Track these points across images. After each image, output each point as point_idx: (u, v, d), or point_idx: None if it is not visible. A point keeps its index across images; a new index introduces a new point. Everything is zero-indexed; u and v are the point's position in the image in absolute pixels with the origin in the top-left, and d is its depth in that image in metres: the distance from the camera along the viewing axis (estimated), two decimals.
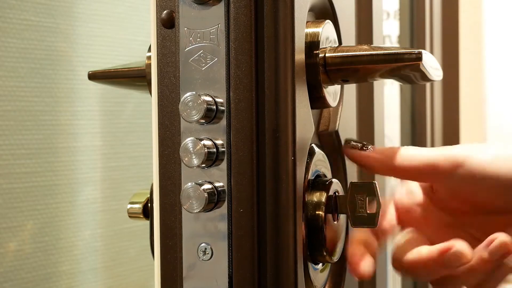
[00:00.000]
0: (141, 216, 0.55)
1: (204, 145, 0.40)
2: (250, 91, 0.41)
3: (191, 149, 0.40)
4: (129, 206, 0.55)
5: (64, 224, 0.75)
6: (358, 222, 0.47)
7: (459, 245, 0.46)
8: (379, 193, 0.46)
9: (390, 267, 1.09)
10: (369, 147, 0.49)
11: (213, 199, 0.40)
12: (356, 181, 0.49)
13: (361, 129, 0.69)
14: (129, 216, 0.55)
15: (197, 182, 0.40)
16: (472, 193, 0.49)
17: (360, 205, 0.47)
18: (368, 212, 0.46)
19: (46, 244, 0.73)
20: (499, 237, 0.46)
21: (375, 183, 0.47)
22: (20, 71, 0.70)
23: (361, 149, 0.49)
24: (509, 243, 0.46)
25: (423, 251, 0.48)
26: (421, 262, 0.48)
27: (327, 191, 0.46)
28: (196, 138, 0.40)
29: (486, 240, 0.47)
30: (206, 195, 0.40)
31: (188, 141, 0.40)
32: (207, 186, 0.40)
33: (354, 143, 0.50)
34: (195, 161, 0.40)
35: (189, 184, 0.40)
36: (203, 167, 0.41)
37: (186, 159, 0.40)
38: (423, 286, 1.13)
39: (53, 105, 0.74)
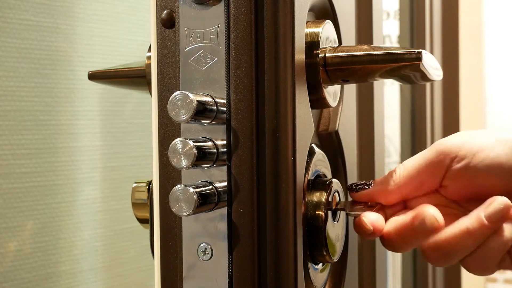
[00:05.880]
0: (146, 193, 0.54)
1: (195, 146, 0.38)
2: (250, 91, 0.41)
3: (180, 150, 0.38)
4: (134, 184, 0.55)
5: (64, 224, 0.75)
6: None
7: (431, 209, 0.45)
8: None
9: (390, 266, 1.08)
10: (370, 182, 0.48)
11: (213, 200, 0.40)
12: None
13: (361, 129, 0.69)
14: (134, 193, 0.55)
15: (188, 184, 0.40)
16: (474, 180, 0.47)
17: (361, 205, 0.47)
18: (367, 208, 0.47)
19: (46, 244, 0.73)
20: (498, 199, 0.45)
21: None
22: (20, 71, 0.70)
23: (364, 188, 0.48)
24: (508, 205, 0.45)
25: (399, 219, 0.47)
26: (397, 230, 0.47)
27: (327, 191, 0.46)
28: (185, 139, 0.39)
29: (486, 201, 0.45)
30: (195, 197, 0.38)
31: (177, 142, 0.39)
32: (201, 188, 0.39)
33: (355, 186, 0.49)
34: (184, 163, 0.38)
35: (178, 186, 0.39)
36: (205, 168, 0.41)
37: (175, 160, 0.39)
38: (423, 285, 1.13)
39: (53, 105, 0.74)
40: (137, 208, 0.55)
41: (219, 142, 0.41)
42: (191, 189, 0.39)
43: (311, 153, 0.47)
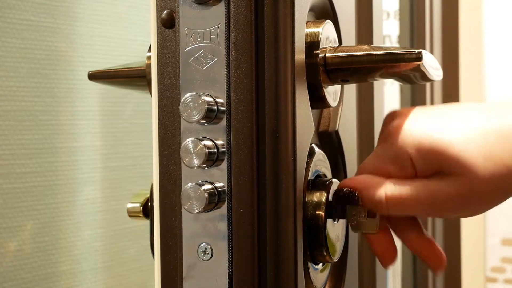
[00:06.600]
0: (141, 215, 0.55)
1: (205, 146, 0.40)
2: (250, 91, 0.41)
3: (192, 149, 0.40)
4: (129, 205, 0.56)
5: (64, 224, 0.75)
6: (357, 228, 0.47)
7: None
8: None
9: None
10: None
11: (213, 199, 0.40)
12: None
13: (361, 129, 0.70)
14: (129, 216, 0.56)
15: (197, 182, 0.40)
16: None
17: (360, 211, 0.47)
18: (368, 218, 0.46)
19: (46, 244, 0.73)
20: None
21: None
22: (20, 71, 0.70)
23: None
24: None
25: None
26: None
27: (327, 191, 0.46)
28: (197, 139, 0.40)
29: None
30: (206, 195, 0.39)
31: (188, 142, 0.40)
32: (208, 186, 0.40)
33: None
34: (196, 162, 0.40)
35: (189, 184, 0.40)
36: (204, 167, 0.41)
37: (187, 159, 0.40)
38: (423, 285, 1.13)
39: (53, 105, 0.74)
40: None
41: (219, 142, 0.41)
42: (202, 187, 0.40)
43: (311, 153, 0.47)
